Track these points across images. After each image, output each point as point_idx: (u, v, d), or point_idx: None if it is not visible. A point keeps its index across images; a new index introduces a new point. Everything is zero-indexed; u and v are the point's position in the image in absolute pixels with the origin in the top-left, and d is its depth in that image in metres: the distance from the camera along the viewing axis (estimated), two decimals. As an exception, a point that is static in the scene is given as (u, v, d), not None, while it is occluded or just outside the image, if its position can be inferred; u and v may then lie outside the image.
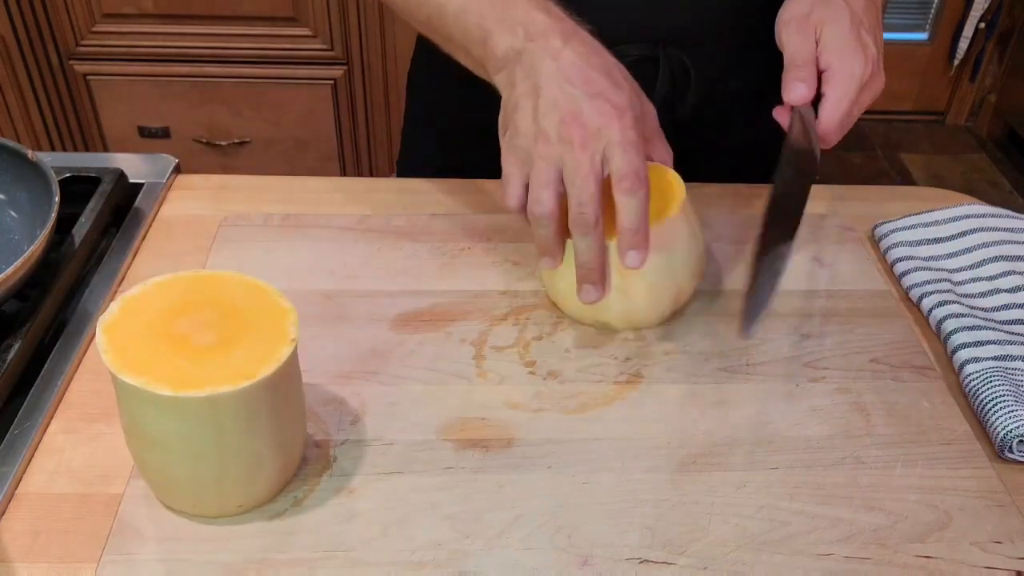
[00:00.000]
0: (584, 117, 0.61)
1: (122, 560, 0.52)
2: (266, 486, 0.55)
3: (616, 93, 0.62)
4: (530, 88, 0.63)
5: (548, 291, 0.71)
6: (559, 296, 0.70)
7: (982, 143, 2.75)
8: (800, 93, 0.67)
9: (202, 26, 1.86)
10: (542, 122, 0.62)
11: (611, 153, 0.60)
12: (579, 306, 0.68)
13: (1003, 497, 0.58)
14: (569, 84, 0.62)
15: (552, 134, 0.61)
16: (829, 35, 0.68)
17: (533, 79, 0.63)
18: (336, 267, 0.74)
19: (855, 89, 0.67)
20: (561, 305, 0.70)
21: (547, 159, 0.61)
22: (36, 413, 0.60)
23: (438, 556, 0.53)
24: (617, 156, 0.60)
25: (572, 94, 0.61)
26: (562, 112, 0.61)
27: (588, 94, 0.61)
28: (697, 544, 0.54)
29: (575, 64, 0.62)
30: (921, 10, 2.69)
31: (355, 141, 2.03)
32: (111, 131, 1.99)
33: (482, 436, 0.61)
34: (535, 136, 0.62)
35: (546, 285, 0.72)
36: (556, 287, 0.69)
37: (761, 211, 0.64)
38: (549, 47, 0.63)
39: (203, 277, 0.56)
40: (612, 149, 0.60)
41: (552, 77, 0.62)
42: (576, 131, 0.60)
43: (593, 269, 0.62)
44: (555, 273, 0.68)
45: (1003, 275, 0.73)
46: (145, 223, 0.78)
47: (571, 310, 0.70)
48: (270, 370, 0.50)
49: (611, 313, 0.68)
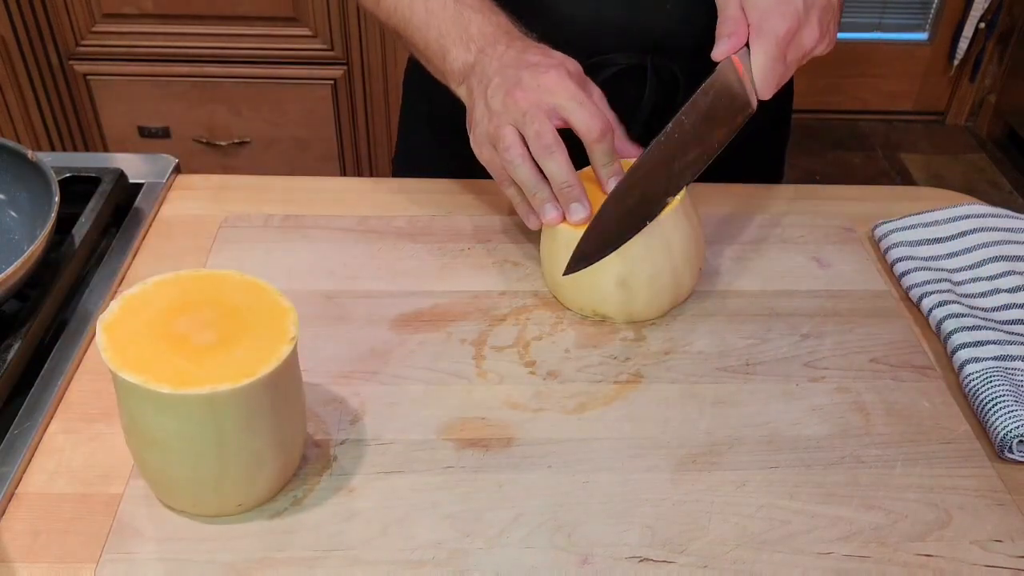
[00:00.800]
0: (523, 82, 0.67)
1: (122, 560, 0.52)
2: (266, 485, 0.55)
3: (547, 60, 0.68)
4: (481, 89, 0.70)
5: (549, 286, 0.72)
6: (559, 289, 0.70)
7: (982, 143, 2.74)
8: (723, 47, 0.67)
9: (202, 26, 1.86)
10: (491, 104, 0.68)
11: (553, 100, 0.66)
12: (579, 297, 0.69)
13: (1003, 496, 0.58)
14: (510, 69, 0.68)
15: (500, 107, 0.68)
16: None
17: (484, 81, 0.69)
18: (336, 267, 0.74)
19: (775, 47, 0.66)
20: (562, 298, 0.71)
21: (502, 126, 0.67)
22: (36, 413, 0.60)
23: (438, 555, 0.53)
24: (561, 97, 0.66)
25: (511, 73, 0.68)
26: (505, 88, 0.68)
27: (523, 68, 0.68)
28: (697, 543, 0.54)
29: (515, 56, 0.69)
30: (921, 10, 2.69)
31: (355, 141, 2.03)
32: (111, 131, 1.99)
33: (482, 436, 0.61)
34: (488, 118, 0.69)
35: (547, 280, 0.72)
36: (555, 279, 0.70)
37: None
38: (495, 52, 0.70)
39: (203, 276, 0.56)
40: (554, 96, 0.66)
41: (496, 71, 0.69)
42: (519, 94, 0.67)
43: (572, 185, 0.67)
44: (555, 266, 0.68)
45: (1003, 275, 0.73)
46: (145, 223, 0.78)
47: (571, 300, 0.70)
48: (270, 369, 0.50)
49: (610, 305, 0.68)
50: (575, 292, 0.69)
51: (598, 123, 0.66)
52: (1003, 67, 2.69)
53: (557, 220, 0.68)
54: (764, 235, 0.79)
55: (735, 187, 0.86)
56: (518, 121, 0.67)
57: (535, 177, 0.68)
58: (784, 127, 0.99)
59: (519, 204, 0.71)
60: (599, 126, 0.66)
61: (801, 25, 0.67)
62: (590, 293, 0.69)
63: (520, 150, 0.67)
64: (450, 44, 0.72)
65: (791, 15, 0.66)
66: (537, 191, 0.68)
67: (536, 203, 0.68)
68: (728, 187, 0.86)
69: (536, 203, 0.68)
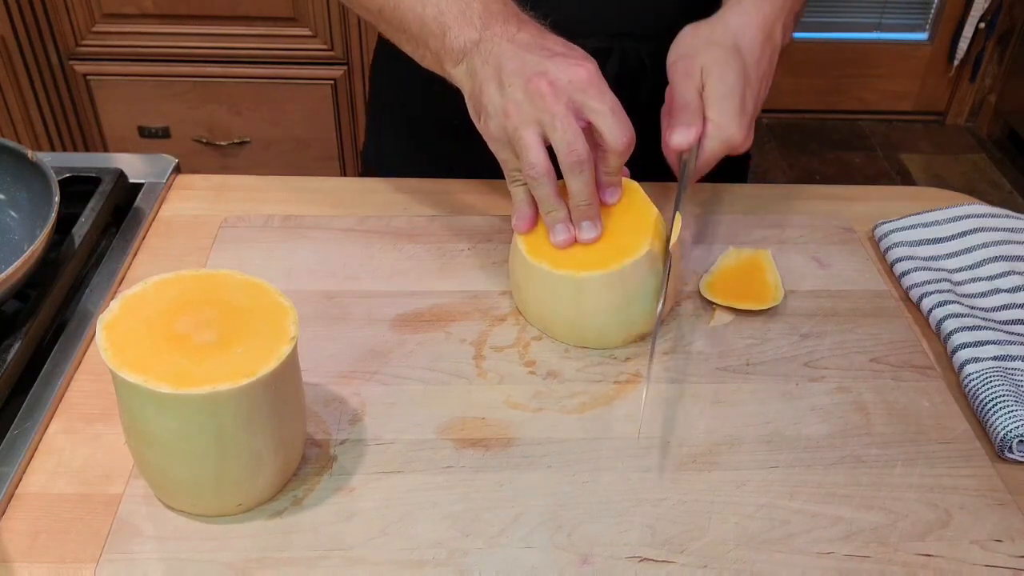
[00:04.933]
0: (549, 73, 0.62)
1: (122, 559, 0.52)
2: (266, 485, 0.55)
3: (573, 51, 0.65)
4: (491, 71, 0.64)
5: (518, 305, 0.71)
6: (524, 310, 0.70)
7: (982, 143, 2.74)
8: (684, 138, 0.68)
9: (202, 26, 1.86)
10: (509, 92, 0.63)
11: (584, 99, 0.62)
12: (539, 320, 0.69)
13: (1003, 496, 0.58)
14: (528, 53, 0.63)
15: (521, 98, 0.62)
16: (713, 90, 0.68)
17: (493, 62, 0.64)
18: (336, 267, 0.74)
19: (724, 152, 0.68)
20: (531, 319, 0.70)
21: (524, 123, 0.63)
22: (36, 413, 0.60)
23: (438, 555, 0.53)
24: (594, 99, 0.62)
25: (532, 60, 0.63)
26: (526, 76, 0.62)
27: (547, 56, 0.63)
28: (697, 543, 0.54)
29: (531, 40, 0.65)
30: (921, 10, 2.69)
31: (355, 141, 2.03)
32: (111, 131, 1.99)
33: (482, 436, 0.61)
34: (504, 109, 0.63)
35: (516, 302, 0.71)
36: (525, 304, 0.69)
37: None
38: (506, 32, 0.65)
39: (203, 276, 0.56)
40: (586, 96, 0.62)
41: (511, 54, 0.64)
42: (543, 84, 0.62)
43: (591, 204, 0.65)
44: (524, 295, 0.68)
45: (1003, 275, 0.73)
46: (145, 223, 0.78)
47: (536, 321, 0.70)
48: (270, 368, 0.50)
49: (559, 335, 0.68)
50: (541, 318, 0.68)
51: (627, 135, 0.63)
52: (1003, 67, 2.69)
53: (568, 243, 0.65)
54: (764, 235, 0.79)
55: (735, 187, 0.86)
56: (545, 123, 0.62)
57: (556, 197, 0.65)
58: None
59: (520, 204, 0.68)
60: (627, 138, 0.63)
61: (747, 135, 0.69)
62: (543, 320, 0.68)
63: (545, 165, 0.63)
64: (451, 21, 0.66)
65: (745, 126, 0.68)
66: (553, 210, 0.65)
67: (548, 220, 0.66)
68: (728, 187, 0.86)
69: (548, 220, 0.66)
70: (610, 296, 0.65)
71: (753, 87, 0.69)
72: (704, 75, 0.69)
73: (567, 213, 0.65)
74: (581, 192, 0.64)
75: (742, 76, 0.68)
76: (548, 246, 0.66)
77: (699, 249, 0.78)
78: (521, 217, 0.68)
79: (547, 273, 0.65)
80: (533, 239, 0.68)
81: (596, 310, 0.65)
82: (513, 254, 0.70)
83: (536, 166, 0.63)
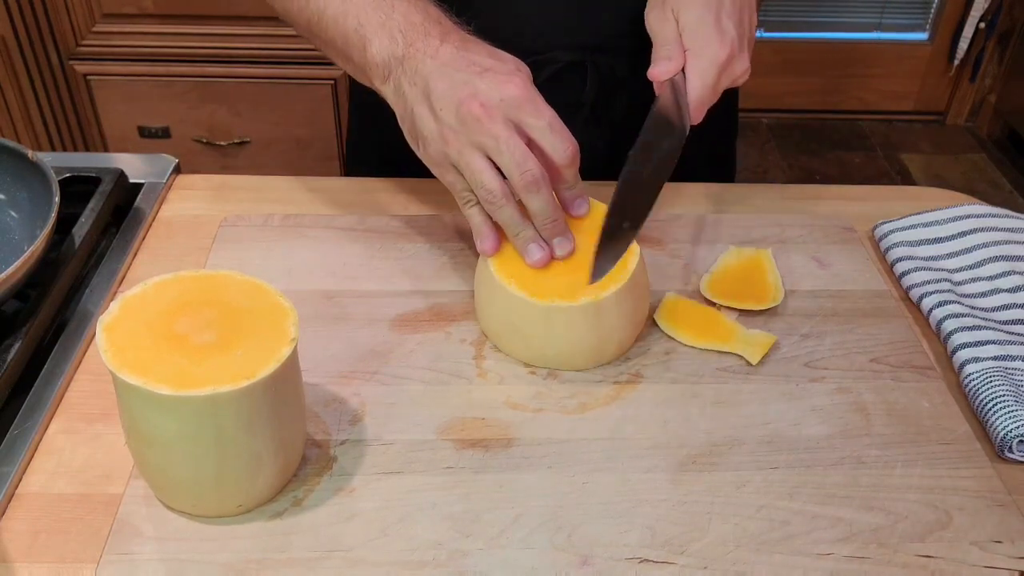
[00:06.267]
0: (480, 94, 0.61)
1: (122, 560, 0.52)
2: (266, 486, 0.55)
3: (502, 65, 0.63)
4: (419, 92, 0.63)
5: (480, 322, 0.69)
6: (489, 332, 0.68)
7: (982, 143, 2.74)
8: (664, 68, 0.67)
9: (202, 26, 1.86)
10: (442, 117, 0.62)
11: (520, 117, 0.61)
12: (507, 343, 0.67)
13: (1003, 497, 0.58)
14: (456, 71, 0.62)
15: (455, 123, 0.61)
16: (685, 20, 0.68)
17: (420, 83, 0.63)
18: (336, 267, 0.74)
19: (713, 73, 0.66)
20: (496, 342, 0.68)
21: (465, 148, 0.61)
22: (36, 413, 0.60)
23: (438, 556, 0.53)
24: (530, 116, 0.61)
25: (460, 78, 0.61)
26: (457, 99, 0.61)
27: (475, 73, 0.62)
28: (697, 544, 0.54)
29: (455, 55, 0.63)
30: (921, 10, 2.69)
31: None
32: (111, 131, 1.99)
33: (482, 436, 0.61)
34: (441, 135, 0.62)
35: (479, 319, 0.69)
36: (489, 326, 0.67)
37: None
38: (428, 48, 0.63)
39: (203, 277, 0.56)
40: (521, 113, 0.61)
41: (437, 74, 0.62)
42: (475, 107, 0.60)
43: (556, 220, 0.63)
44: (488, 314, 0.67)
45: (1003, 275, 0.73)
46: (145, 223, 0.78)
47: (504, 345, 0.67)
48: (270, 370, 0.50)
49: (529, 357, 0.66)
50: (507, 340, 0.66)
51: (570, 146, 0.61)
52: (1003, 67, 2.69)
53: (545, 261, 0.63)
54: (764, 235, 0.79)
55: (735, 187, 0.86)
56: (488, 147, 0.61)
57: (519, 217, 0.63)
58: (730, 118, 0.98)
59: (480, 227, 0.65)
60: (571, 151, 0.62)
61: (734, 54, 0.67)
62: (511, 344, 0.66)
63: (502, 188, 0.61)
64: (371, 34, 0.64)
65: (727, 43, 0.67)
66: (521, 230, 0.63)
67: (519, 243, 0.63)
68: (728, 187, 0.86)
69: (519, 243, 0.63)
70: (583, 326, 0.63)
71: (727, 7, 0.68)
72: (675, 15, 0.68)
73: (535, 231, 0.63)
74: (544, 211, 0.62)
75: (711, 6, 0.67)
76: (519, 266, 0.64)
77: (699, 249, 0.78)
78: (484, 239, 0.65)
79: (518, 298, 0.63)
80: (501, 260, 0.65)
81: (568, 338, 0.64)
82: (480, 272, 0.67)
83: (493, 191, 0.61)
